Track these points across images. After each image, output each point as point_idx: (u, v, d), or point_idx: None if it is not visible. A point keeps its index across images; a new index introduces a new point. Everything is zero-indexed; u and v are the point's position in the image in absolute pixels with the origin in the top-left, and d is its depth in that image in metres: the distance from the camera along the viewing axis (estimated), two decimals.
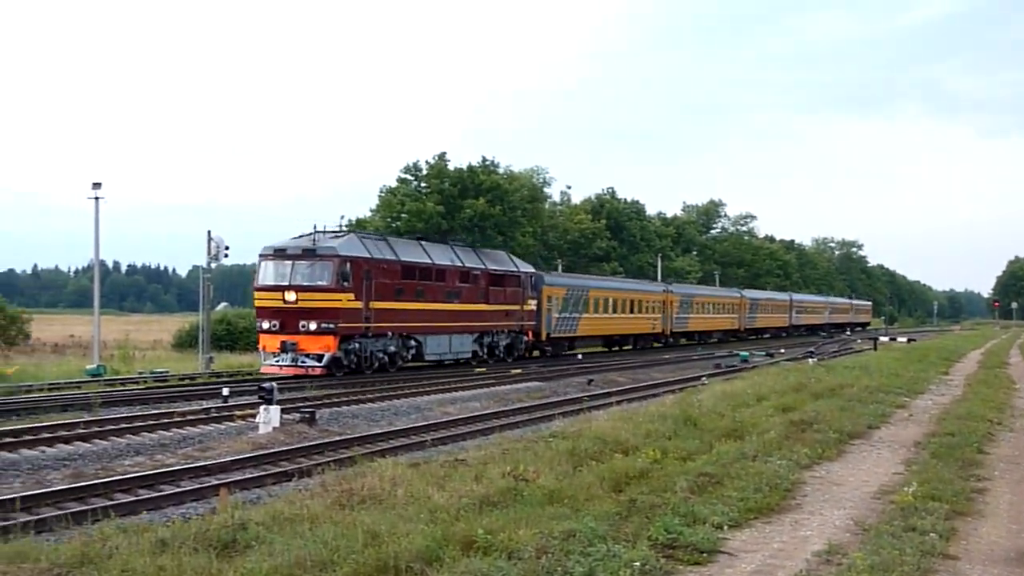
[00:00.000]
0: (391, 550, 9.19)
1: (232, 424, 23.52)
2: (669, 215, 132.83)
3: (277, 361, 34.98)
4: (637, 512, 11.46)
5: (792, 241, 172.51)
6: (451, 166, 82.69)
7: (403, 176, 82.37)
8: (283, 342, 34.62)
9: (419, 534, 9.79)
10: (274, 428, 21.90)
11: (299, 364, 34.68)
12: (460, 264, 44.19)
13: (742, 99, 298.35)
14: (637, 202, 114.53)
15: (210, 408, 25.54)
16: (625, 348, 66.25)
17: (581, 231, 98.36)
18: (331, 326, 34.90)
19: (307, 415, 23.59)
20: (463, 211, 78.36)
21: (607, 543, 9.79)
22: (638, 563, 9.21)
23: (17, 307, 72.52)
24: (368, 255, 37.03)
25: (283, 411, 22.80)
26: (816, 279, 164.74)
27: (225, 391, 27.51)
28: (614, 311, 62.01)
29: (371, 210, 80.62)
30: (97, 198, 44.06)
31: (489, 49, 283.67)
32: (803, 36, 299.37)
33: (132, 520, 12.95)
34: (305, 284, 35.14)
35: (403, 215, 76.91)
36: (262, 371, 35.57)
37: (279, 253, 36.01)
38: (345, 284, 35.34)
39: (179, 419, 23.59)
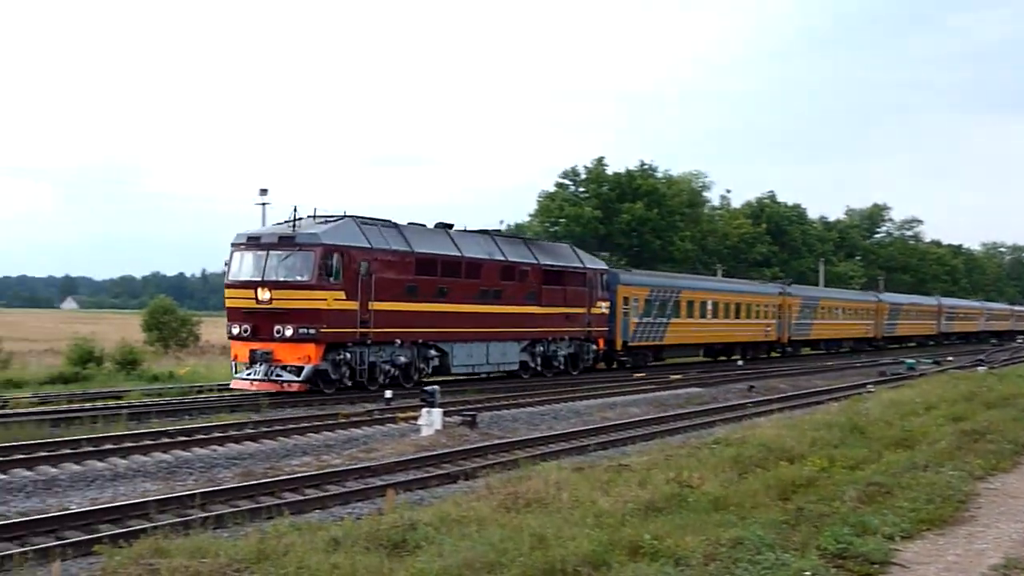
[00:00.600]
0: (558, 554, 9.26)
1: (395, 426, 23.85)
2: (832, 219, 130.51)
3: (248, 375, 29.14)
4: (805, 521, 11.31)
5: (960, 246, 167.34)
6: (609, 171, 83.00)
7: (561, 181, 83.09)
8: (252, 351, 29.05)
9: (585, 538, 9.84)
10: (436, 431, 22.15)
11: (273, 378, 28.80)
12: (501, 258, 36.81)
13: (908, 101, 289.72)
14: (798, 206, 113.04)
15: (373, 410, 25.95)
16: (733, 358, 56.39)
17: (741, 236, 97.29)
18: (312, 332, 28.70)
19: (468, 418, 23.85)
20: (621, 216, 78.47)
21: (775, 551, 9.70)
22: (808, 572, 9.12)
23: (188, 310, 74.93)
24: (366, 244, 30.47)
25: (445, 414, 23.11)
26: (985, 285, 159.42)
27: (388, 393, 27.81)
28: (713, 316, 53.56)
29: (529, 215, 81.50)
30: (264, 204, 45.35)
31: (648, 52, 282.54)
32: (971, 36, 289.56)
33: (301, 519, 13.30)
34: (281, 279, 29.06)
35: (561, 220, 77.47)
36: (232, 386, 29.94)
37: (253, 242, 30.02)
38: (331, 279, 29.05)
39: (343, 420, 24.06)
